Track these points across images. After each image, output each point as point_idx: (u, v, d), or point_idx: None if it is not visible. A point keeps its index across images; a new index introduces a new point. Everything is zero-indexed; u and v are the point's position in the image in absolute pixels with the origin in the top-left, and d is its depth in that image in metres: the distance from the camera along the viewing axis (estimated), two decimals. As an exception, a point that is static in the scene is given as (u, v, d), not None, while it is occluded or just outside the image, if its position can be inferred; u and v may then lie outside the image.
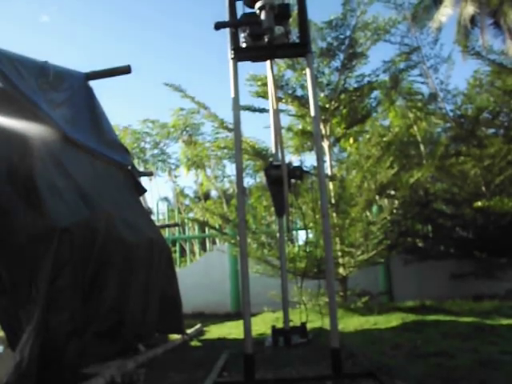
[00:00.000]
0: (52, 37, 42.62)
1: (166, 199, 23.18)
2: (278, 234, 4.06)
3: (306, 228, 7.31)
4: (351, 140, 9.95)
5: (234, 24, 3.23)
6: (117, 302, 3.71)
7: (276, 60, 6.84)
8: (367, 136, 8.67)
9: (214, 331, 6.11)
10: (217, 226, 9.23)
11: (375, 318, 5.81)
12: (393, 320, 5.58)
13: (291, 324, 3.41)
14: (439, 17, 17.41)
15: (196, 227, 11.16)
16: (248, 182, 15.55)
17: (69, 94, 4.41)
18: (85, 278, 3.32)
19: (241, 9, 3.38)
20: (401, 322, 5.47)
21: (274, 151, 3.74)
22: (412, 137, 9.27)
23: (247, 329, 2.88)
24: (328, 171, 7.55)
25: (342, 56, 7.53)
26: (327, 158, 7.67)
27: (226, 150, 13.34)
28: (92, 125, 4.63)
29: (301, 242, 9.19)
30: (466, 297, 6.88)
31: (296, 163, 3.74)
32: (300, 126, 8.71)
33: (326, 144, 7.66)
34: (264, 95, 7.79)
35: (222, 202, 15.59)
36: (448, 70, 8.80)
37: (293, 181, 3.27)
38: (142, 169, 14.50)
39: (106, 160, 4.66)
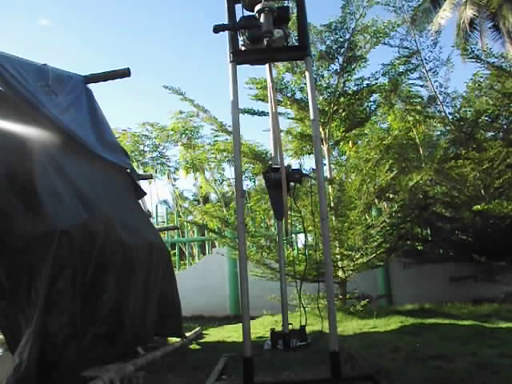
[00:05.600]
0: (51, 40, 42.62)
1: (165, 202, 23.19)
2: (277, 237, 4.06)
3: (305, 231, 7.30)
4: (350, 143, 9.98)
5: (233, 27, 3.24)
6: (116, 304, 3.70)
7: (275, 63, 6.86)
8: (366, 139, 8.69)
9: (213, 334, 6.11)
10: (216, 229, 9.22)
11: (374, 321, 5.82)
12: (392, 323, 5.59)
13: (290, 327, 3.40)
14: (438, 20, 17.40)
15: (195, 230, 11.18)
16: (247, 185, 15.63)
17: (73, 98, 4.43)
18: (84, 280, 3.32)
19: (240, 12, 3.39)
20: (400, 325, 5.47)
21: (273, 154, 3.74)
22: (411, 140, 9.28)
23: (246, 332, 2.88)
24: (327, 174, 7.56)
25: (341, 59, 7.55)
26: (326, 161, 7.68)
27: (225, 153, 13.40)
28: (93, 128, 4.64)
29: (300, 245, 9.21)
30: (465, 300, 6.87)
31: (295, 166, 3.74)
32: (299, 129, 8.73)
33: (325, 147, 7.67)
34: (263, 98, 7.81)
35: (221, 205, 15.60)
36: (447, 73, 8.85)
37: (292, 184, 3.26)
38: (141, 172, 14.51)
39: (106, 163, 4.66)
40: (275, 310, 6.38)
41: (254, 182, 15.92)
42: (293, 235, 8.61)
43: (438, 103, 8.65)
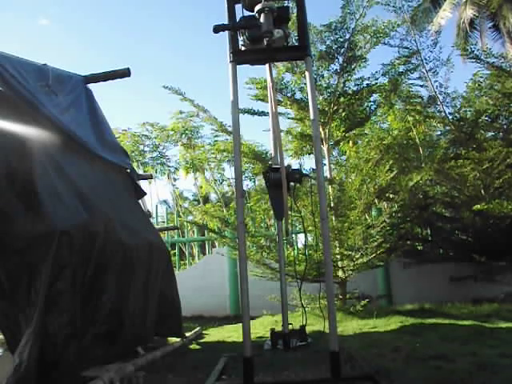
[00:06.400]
0: (51, 40, 42.65)
1: (165, 202, 23.18)
2: (277, 237, 4.06)
3: (305, 231, 7.30)
4: (350, 143, 9.98)
5: (233, 27, 3.23)
6: (116, 304, 3.70)
7: (275, 63, 6.85)
8: (366, 139, 8.69)
9: (213, 334, 6.10)
10: (216, 229, 9.22)
11: (374, 321, 5.82)
12: (392, 323, 5.59)
13: (290, 327, 3.40)
14: (438, 20, 17.38)
15: (195, 230, 11.17)
16: (247, 185, 15.62)
17: (73, 98, 4.43)
18: (84, 280, 3.32)
19: (240, 12, 3.39)
20: (400, 325, 5.47)
21: (273, 154, 3.74)
22: (411, 140, 9.27)
23: (246, 332, 2.88)
24: (327, 174, 7.55)
25: (341, 59, 7.55)
26: (326, 161, 7.68)
27: (225, 153, 13.40)
28: (93, 128, 4.64)
29: (300, 245, 9.21)
30: (465, 300, 6.88)
31: (295, 166, 3.74)
32: (299, 129, 8.73)
33: (325, 147, 7.67)
34: (263, 98, 7.81)
35: (221, 205, 15.59)
36: (447, 73, 8.82)
37: (292, 184, 3.27)
38: (141, 172, 14.50)
39: (106, 163, 4.66)
40: (275, 310, 6.38)
41: (254, 181, 15.91)
42: (293, 235, 8.62)
43: (438, 103, 8.64)
